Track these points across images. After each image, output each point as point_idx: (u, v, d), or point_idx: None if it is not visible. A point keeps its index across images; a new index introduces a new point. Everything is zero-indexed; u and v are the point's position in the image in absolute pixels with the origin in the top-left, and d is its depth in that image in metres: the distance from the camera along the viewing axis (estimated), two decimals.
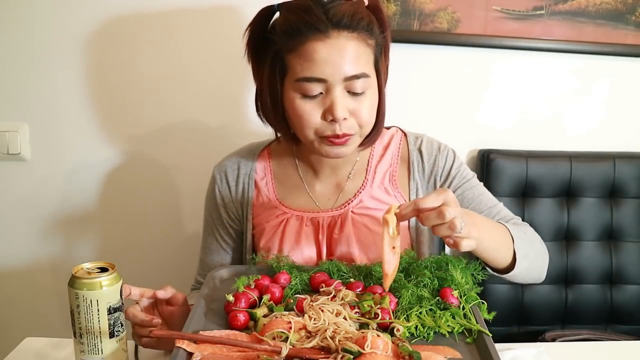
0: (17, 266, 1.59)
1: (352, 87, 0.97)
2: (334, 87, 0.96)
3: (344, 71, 0.95)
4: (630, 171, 1.50)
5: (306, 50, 0.95)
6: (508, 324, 1.52)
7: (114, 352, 0.80)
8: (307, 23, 0.94)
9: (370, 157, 1.14)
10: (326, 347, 0.73)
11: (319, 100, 0.98)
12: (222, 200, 1.16)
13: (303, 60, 0.95)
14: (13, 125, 1.49)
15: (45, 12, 1.42)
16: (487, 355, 0.74)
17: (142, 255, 1.57)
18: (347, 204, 1.10)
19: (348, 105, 0.97)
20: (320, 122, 0.98)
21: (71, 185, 1.54)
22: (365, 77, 0.97)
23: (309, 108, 0.98)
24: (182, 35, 1.44)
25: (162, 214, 1.55)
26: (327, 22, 0.94)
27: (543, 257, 1.08)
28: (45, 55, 1.45)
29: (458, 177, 1.12)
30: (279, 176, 1.16)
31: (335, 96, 0.96)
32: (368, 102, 1.00)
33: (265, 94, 1.04)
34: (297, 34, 0.95)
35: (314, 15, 0.94)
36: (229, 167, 1.16)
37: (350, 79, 0.96)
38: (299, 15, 0.96)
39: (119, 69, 1.47)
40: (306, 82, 0.96)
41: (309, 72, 0.95)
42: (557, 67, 1.51)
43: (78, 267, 0.80)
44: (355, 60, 0.96)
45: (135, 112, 1.49)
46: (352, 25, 0.96)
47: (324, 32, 0.94)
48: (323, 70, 0.95)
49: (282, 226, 1.10)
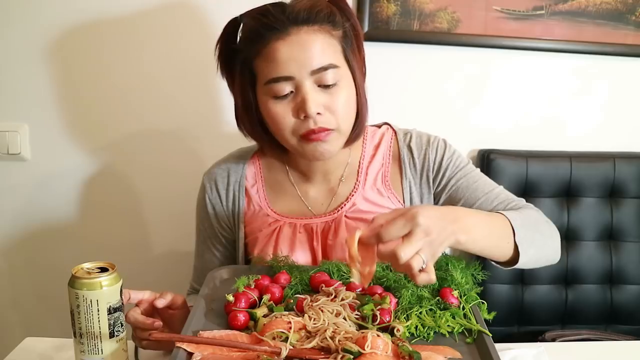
0: (17, 266, 1.59)
1: (322, 80, 0.95)
2: (302, 83, 0.95)
3: (309, 65, 0.94)
4: (630, 171, 1.50)
5: (269, 51, 0.95)
6: (508, 324, 1.52)
7: (114, 352, 0.80)
8: (266, 25, 0.94)
9: (362, 158, 1.12)
10: (326, 348, 0.73)
11: (290, 99, 0.96)
12: (212, 209, 1.14)
13: (268, 62, 0.95)
14: (13, 125, 1.49)
15: (45, 12, 1.42)
16: (487, 355, 0.74)
17: (142, 255, 1.57)
18: (340, 208, 1.08)
19: (320, 100, 0.96)
20: (294, 121, 0.97)
21: (71, 185, 1.54)
22: (334, 67, 0.96)
23: (281, 109, 0.97)
24: (183, 36, 1.44)
25: (162, 213, 1.55)
26: (286, 20, 0.94)
27: (552, 238, 1.02)
28: (46, 55, 1.45)
29: (451, 167, 1.09)
30: (270, 182, 1.14)
31: (305, 92, 0.94)
32: (342, 93, 0.97)
33: (240, 106, 1.04)
34: (258, 38, 0.95)
35: (271, 17, 0.95)
36: (219, 175, 1.14)
37: (317, 72, 0.94)
38: (257, 20, 0.96)
39: (118, 69, 1.46)
40: (274, 82, 0.95)
41: (274, 72, 0.95)
42: (557, 67, 1.51)
43: (78, 267, 0.80)
44: (320, 52, 0.95)
45: (135, 113, 1.49)
46: (310, 19, 0.95)
47: (283, 31, 0.94)
48: (288, 67, 0.94)
49: (275, 234, 1.08)
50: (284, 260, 1.00)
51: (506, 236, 0.91)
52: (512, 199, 1.07)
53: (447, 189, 1.08)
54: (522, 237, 0.92)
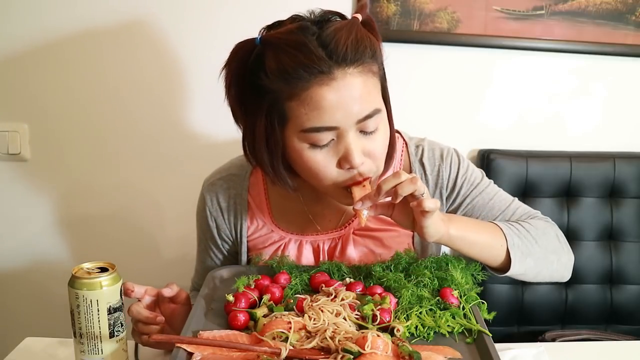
0: (17, 266, 1.59)
1: (365, 127, 0.87)
2: (347, 133, 0.86)
3: (356, 114, 0.85)
4: (630, 171, 1.50)
5: (311, 97, 0.83)
6: (508, 324, 1.52)
7: (114, 352, 0.80)
8: (306, 66, 0.82)
9: None
10: (326, 348, 0.73)
11: (331, 147, 0.87)
12: (214, 221, 1.08)
13: (309, 109, 0.84)
14: (13, 125, 1.49)
15: (46, 12, 1.42)
16: (487, 355, 0.74)
17: (142, 255, 1.57)
18: (348, 225, 1.05)
19: (361, 146, 0.88)
20: (337, 172, 0.89)
21: (71, 185, 1.54)
22: (378, 112, 0.88)
23: (321, 158, 0.87)
24: (183, 37, 1.44)
25: (162, 213, 1.55)
26: (329, 60, 0.82)
27: (557, 253, 0.99)
28: (46, 55, 1.45)
29: (465, 185, 1.04)
30: (274, 196, 1.07)
31: (349, 142, 0.86)
32: (382, 138, 0.91)
33: (260, 144, 0.91)
34: (296, 80, 0.83)
35: (312, 55, 0.82)
36: (220, 187, 1.07)
37: (363, 119, 0.86)
38: (293, 56, 0.82)
39: (119, 69, 1.46)
40: (315, 132, 0.85)
41: (317, 121, 0.84)
42: (557, 67, 1.51)
43: (78, 267, 0.80)
44: (365, 98, 0.86)
45: (135, 113, 1.49)
46: (357, 59, 0.84)
47: (327, 74, 0.83)
48: (333, 117, 0.84)
49: (280, 252, 1.04)
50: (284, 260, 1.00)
51: (498, 238, 0.93)
52: (530, 214, 1.05)
53: (463, 207, 1.05)
54: (516, 245, 0.93)
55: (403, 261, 0.94)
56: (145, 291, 0.91)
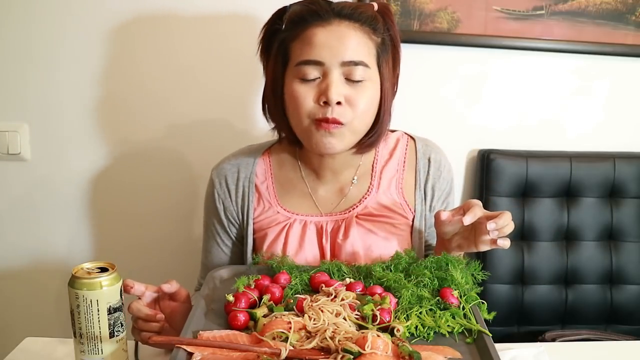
0: (17, 266, 1.59)
1: (350, 74, 0.98)
2: (330, 71, 0.97)
3: (341, 55, 0.97)
4: (630, 171, 1.50)
5: (307, 35, 0.98)
6: (508, 324, 1.52)
7: (114, 352, 0.80)
8: (310, 11, 0.99)
9: (375, 161, 1.13)
10: (326, 348, 0.73)
11: (315, 84, 0.99)
12: (222, 204, 1.14)
13: (303, 45, 0.98)
14: (13, 125, 1.48)
15: (46, 12, 1.42)
16: (487, 355, 0.74)
17: (142, 255, 1.57)
18: (352, 209, 1.09)
19: (343, 91, 0.98)
20: (313, 105, 0.99)
21: (71, 185, 1.54)
22: (364, 65, 0.98)
23: (304, 91, 0.99)
24: (182, 36, 1.44)
25: (162, 213, 1.55)
26: (330, 11, 0.99)
27: None
28: (46, 55, 1.45)
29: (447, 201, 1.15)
30: (280, 179, 1.14)
31: (331, 79, 0.97)
32: (366, 92, 0.99)
33: (269, 87, 1.06)
34: (301, 22, 0.99)
35: (318, 5, 0.99)
36: (228, 171, 1.14)
37: (347, 64, 0.97)
38: (304, 6, 1.00)
39: (119, 69, 1.46)
40: (304, 65, 0.98)
41: (307, 55, 0.97)
42: (557, 67, 1.51)
43: (78, 267, 0.80)
44: (355, 47, 0.97)
45: (135, 112, 1.49)
46: (354, 16, 0.99)
47: (325, 19, 0.98)
48: (320, 52, 0.97)
49: (285, 231, 1.08)
50: (285, 260, 1.00)
51: None
52: None
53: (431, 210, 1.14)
54: None
55: (403, 261, 0.94)
56: (146, 288, 0.92)
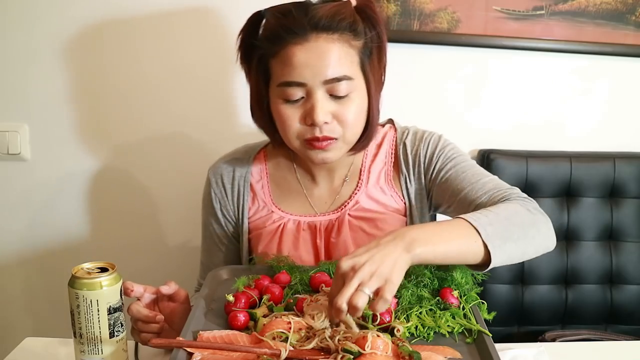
0: (17, 266, 1.59)
1: (334, 90, 0.96)
2: (314, 91, 0.95)
3: (323, 74, 0.94)
4: (630, 171, 1.50)
5: (286, 54, 0.95)
6: (508, 324, 1.52)
7: (114, 352, 0.80)
8: (285, 27, 0.95)
9: (364, 157, 1.13)
10: (326, 348, 0.73)
11: (300, 104, 0.97)
12: (218, 203, 1.15)
13: (283, 65, 0.96)
14: (13, 125, 1.49)
15: (45, 13, 1.42)
16: (487, 355, 0.74)
17: (142, 255, 1.57)
18: (344, 207, 1.10)
19: (330, 108, 0.96)
20: (300, 126, 0.98)
21: (71, 185, 1.54)
22: (348, 79, 0.96)
23: (290, 112, 0.98)
24: (182, 37, 1.44)
25: (162, 213, 1.55)
26: (306, 24, 0.94)
27: (536, 226, 0.92)
28: (45, 55, 1.45)
29: (442, 159, 1.07)
30: (276, 179, 1.14)
31: (316, 100, 0.95)
32: (353, 105, 0.98)
33: (254, 99, 1.06)
34: (277, 39, 0.96)
35: (292, 19, 0.94)
36: (224, 170, 1.15)
37: (330, 81, 0.95)
38: (278, 20, 0.96)
39: (118, 69, 1.46)
40: (287, 86, 0.96)
41: (288, 76, 0.95)
42: (557, 67, 1.51)
43: (78, 267, 0.80)
44: (336, 62, 0.95)
45: (135, 112, 1.49)
46: (332, 27, 0.95)
47: (302, 36, 0.94)
48: (301, 74, 0.94)
49: (279, 231, 1.09)
50: (284, 260, 1.00)
51: (471, 235, 0.83)
52: (499, 189, 1.00)
53: (437, 180, 1.07)
54: (491, 234, 0.83)
55: None
56: (145, 290, 0.92)
